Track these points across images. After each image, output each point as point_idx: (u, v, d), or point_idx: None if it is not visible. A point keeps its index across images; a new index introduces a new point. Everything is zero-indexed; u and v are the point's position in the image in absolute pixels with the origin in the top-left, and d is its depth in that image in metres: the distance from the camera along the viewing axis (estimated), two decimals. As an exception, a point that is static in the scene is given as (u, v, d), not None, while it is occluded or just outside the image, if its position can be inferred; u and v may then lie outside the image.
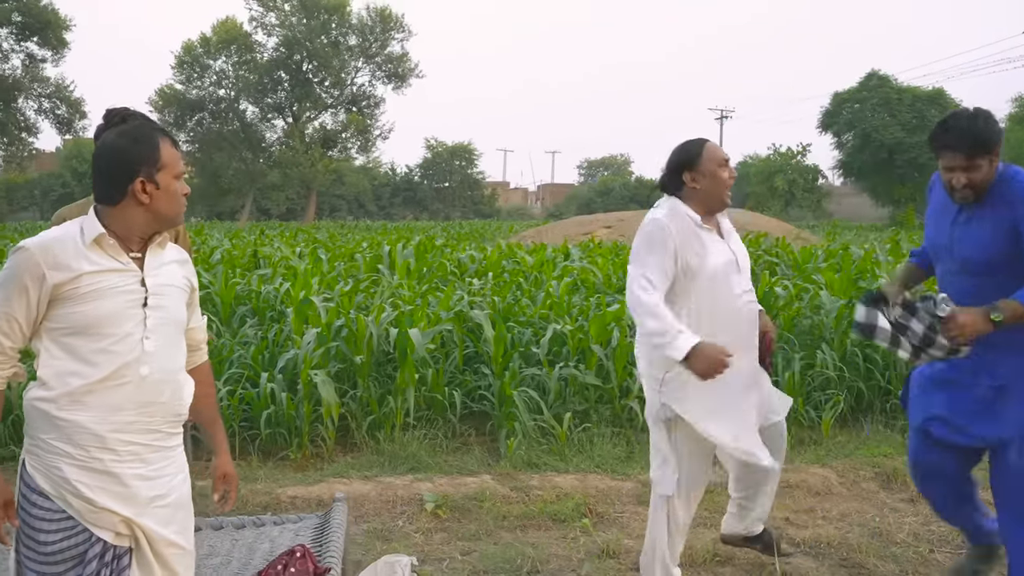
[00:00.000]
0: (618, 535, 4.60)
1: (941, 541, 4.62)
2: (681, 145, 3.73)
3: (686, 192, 3.66)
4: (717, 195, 3.66)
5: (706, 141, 3.72)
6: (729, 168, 3.70)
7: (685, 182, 3.65)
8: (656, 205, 3.73)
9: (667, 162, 3.73)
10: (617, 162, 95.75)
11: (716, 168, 3.63)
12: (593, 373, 6.35)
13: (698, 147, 3.67)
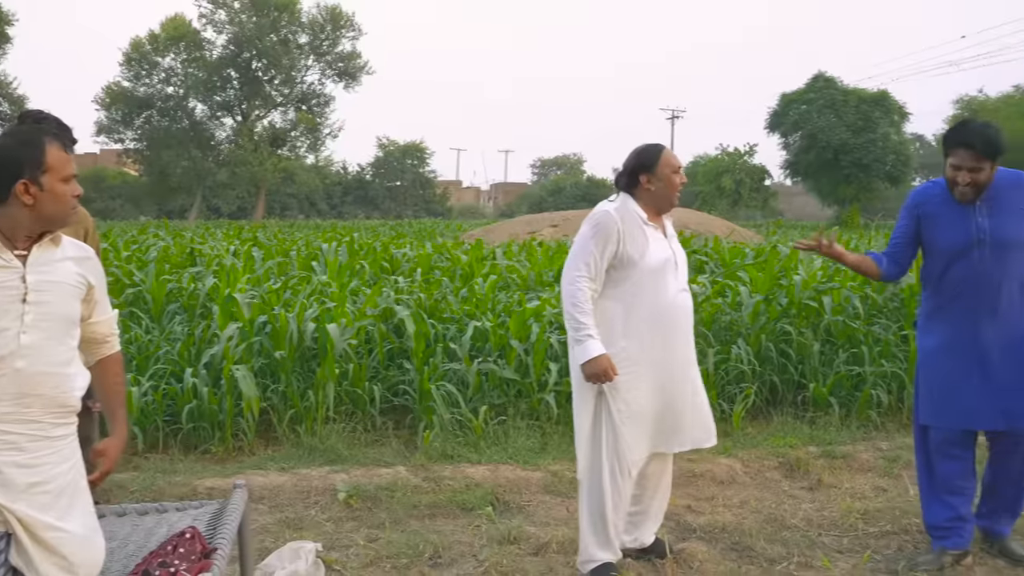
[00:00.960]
0: (522, 523, 4.75)
1: (831, 525, 4.82)
2: (641, 148, 4.06)
3: (639, 192, 3.99)
4: (667, 198, 4.01)
5: (664, 148, 4.05)
6: (680, 174, 4.04)
7: (640, 183, 3.98)
8: (610, 199, 4.05)
9: (626, 162, 4.06)
10: (570, 161, 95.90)
11: (670, 173, 3.98)
12: (512, 368, 6.50)
13: (657, 152, 4.01)
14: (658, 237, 3.98)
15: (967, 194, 4.00)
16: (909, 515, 4.92)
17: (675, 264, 3.99)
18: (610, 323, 3.88)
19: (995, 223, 4.02)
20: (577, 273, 3.84)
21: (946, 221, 4.10)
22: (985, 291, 4.05)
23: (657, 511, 4.29)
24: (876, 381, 6.90)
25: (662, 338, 3.90)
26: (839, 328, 7.47)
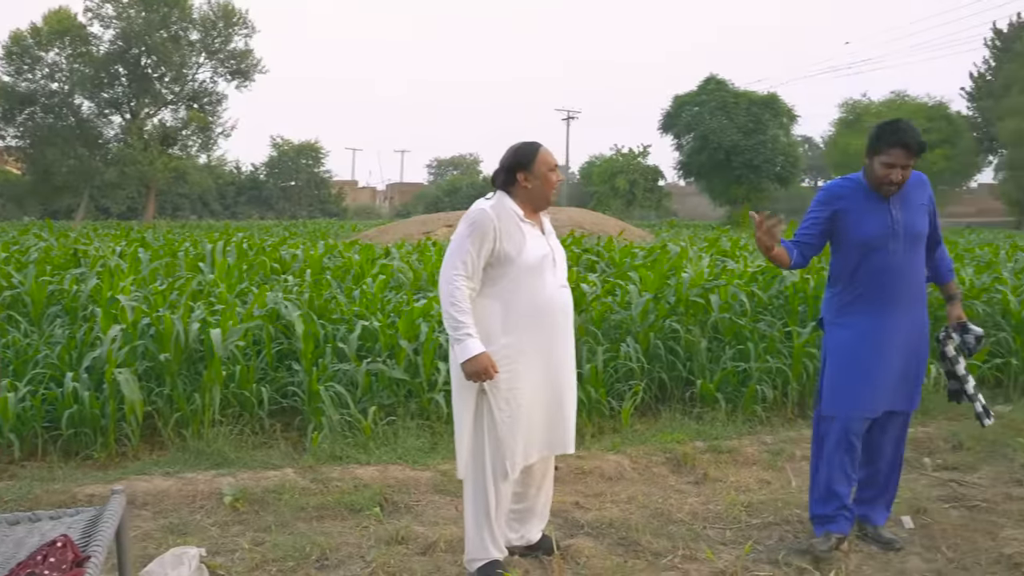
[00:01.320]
0: (410, 523, 4.74)
1: (716, 518, 4.92)
2: (517, 147, 4.06)
3: (516, 190, 4.02)
4: (544, 195, 4.04)
5: (540, 146, 4.05)
6: (557, 172, 4.08)
7: (518, 181, 4.00)
8: (487, 197, 4.04)
9: (502, 161, 4.07)
10: (466, 161, 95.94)
11: (547, 171, 4.01)
12: (402, 368, 6.47)
13: (534, 151, 4.01)
14: (536, 234, 4.00)
15: (893, 190, 4.24)
16: (791, 506, 5.05)
17: (553, 261, 4.02)
18: (489, 321, 3.88)
19: (906, 217, 4.29)
20: (454, 272, 3.84)
21: (864, 215, 4.29)
22: (898, 282, 4.29)
23: (542, 508, 4.32)
24: (761, 377, 7.05)
25: (542, 334, 3.93)
26: (726, 325, 7.61)
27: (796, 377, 7.14)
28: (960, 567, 4.29)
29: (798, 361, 7.11)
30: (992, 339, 8.06)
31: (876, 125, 4.33)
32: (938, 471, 5.86)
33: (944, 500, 5.27)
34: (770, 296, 8.35)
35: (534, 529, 4.32)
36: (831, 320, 4.47)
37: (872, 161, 4.25)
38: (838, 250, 4.43)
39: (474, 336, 3.79)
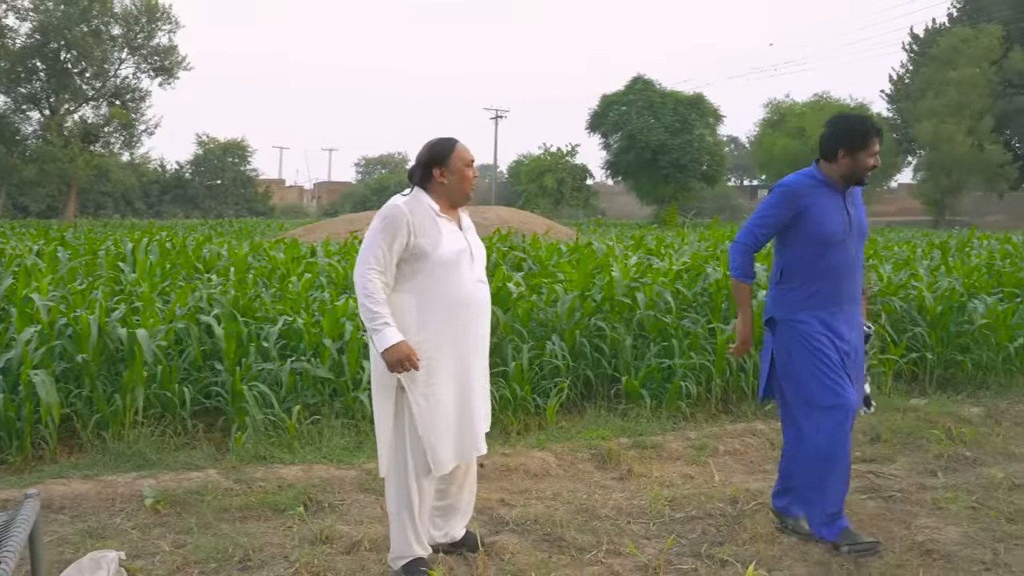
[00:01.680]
0: (334, 522, 4.71)
1: (640, 513, 4.96)
2: (434, 142, 4.06)
3: (433, 185, 4.01)
4: (461, 191, 4.05)
5: (457, 141, 4.06)
6: (473, 168, 4.08)
7: (434, 176, 4.00)
8: (403, 193, 4.03)
9: (419, 157, 4.07)
10: (395, 160, 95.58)
11: (463, 167, 4.02)
12: (326, 367, 6.43)
13: (450, 146, 4.02)
14: (452, 229, 4.01)
15: (867, 179, 4.42)
16: (714, 500, 5.12)
17: (471, 256, 4.03)
18: (405, 316, 3.88)
19: (857, 214, 4.45)
20: (367, 266, 3.83)
21: (825, 211, 4.34)
22: (850, 279, 4.41)
23: (466, 505, 4.33)
24: (686, 373, 7.13)
25: (459, 329, 3.94)
26: (651, 323, 7.68)
27: (720, 373, 7.23)
28: (877, 555, 4.38)
29: (721, 357, 7.20)
30: (908, 334, 8.25)
31: (841, 124, 4.39)
32: (856, 463, 5.96)
33: (862, 491, 5.39)
34: (694, 294, 8.44)
35: (458, 526, 4.33)
36: (786, 317, 4.45)
37: (855, 156, 4.31)
38: (791, 246, 4.43)
39: (391, 325, 3.78)
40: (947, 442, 6.36)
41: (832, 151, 4.36)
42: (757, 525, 4.67)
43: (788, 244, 4.44)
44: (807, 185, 4.40)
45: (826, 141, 4.40)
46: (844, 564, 4.26)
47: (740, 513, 4.93)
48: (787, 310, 4.45)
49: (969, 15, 56.61)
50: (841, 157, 4.33)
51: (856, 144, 4.30)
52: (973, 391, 7.92)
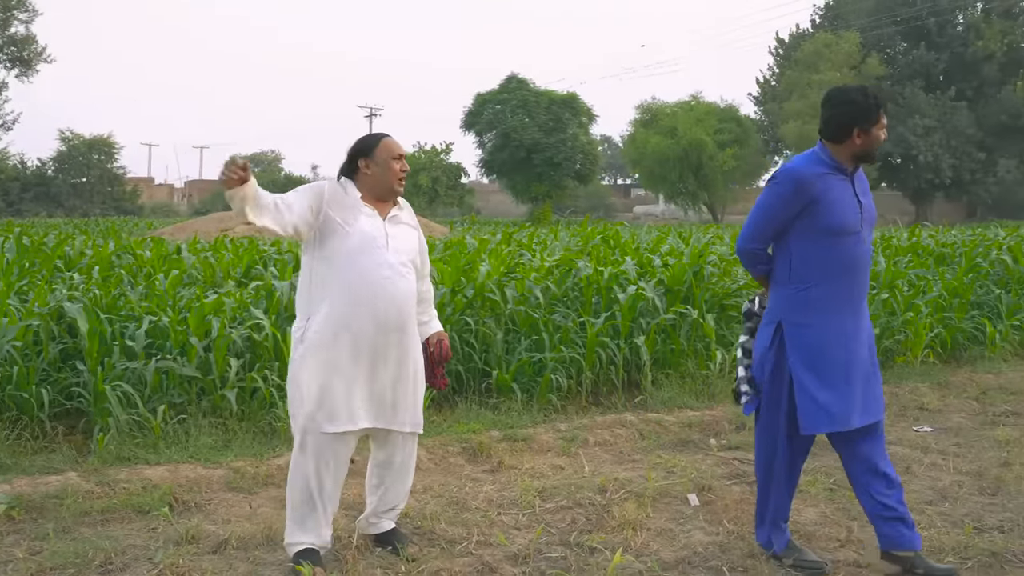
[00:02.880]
0: (201, 521, 4.61)
1: (511, 504, 5.00)
2: (363, 136, 4.19)
3: (359, 176, 4.10)
4: (386, 183, 4.11)
5: (386, 135, 4.15)
6: (402, 162, 4.13)
7: (359, 167, 4.08)
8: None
9: (348, 149, 4.15)
10: (267, 158, 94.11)
11: (389, 159, 4.09)
12: (193, 365, 6.29)
13: (377, 138, 4.16)
14: (372, 219, 4.04)
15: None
16: (584, 490, 5.19)
17: (385, 245, 4.02)
18: (317, 288, 4.01)
19: (867, 201, 4.00)
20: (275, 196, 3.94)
21: (837, 199, 3.90)
22: (861, 274, 3.99)
23: (395, 497, 4.31)
24: (556, 366, 7.20)
25: (365, 311, 3.94)
26: (522, 317, 7.73)
27: (590, 366, 7.32)
28: (739, 537, 4.51)
29: (591, 350, 7.29)
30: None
31: (849, 99, 3.92)
32: (723, 451, 6.13)
33: (727, 477, 5.54)
34: (565, 289, 8.53)
35: (386, 520, 4.33)
36: (794, 321, 3.95)
37: (869, 133, 3.89)
38: (800, 240, 3.94)
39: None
40: (808, 429, 6.55)
41: (844, 131, 3.90)
42: (626, 513, 4.73)
43: (796, 238, 3.95)
44: (815, 172, 3.90)
45: (835, 120, 3.92)
46: (708, 547, 4.37)
47: (609, 502, 5.00)
48: (794, 312, 3.96)
49: (830, 21, 58.63)
50: (855, 136, 3.89)
51: (872, 118, 3.87)
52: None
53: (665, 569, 4.13)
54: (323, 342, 3.93)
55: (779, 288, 4.03)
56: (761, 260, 4.11)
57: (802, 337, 3.92)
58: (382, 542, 4.31)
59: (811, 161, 3.97)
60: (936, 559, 4.21)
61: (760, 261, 4.11)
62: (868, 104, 3.88)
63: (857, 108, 3.87)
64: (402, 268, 4.09)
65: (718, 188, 53.49)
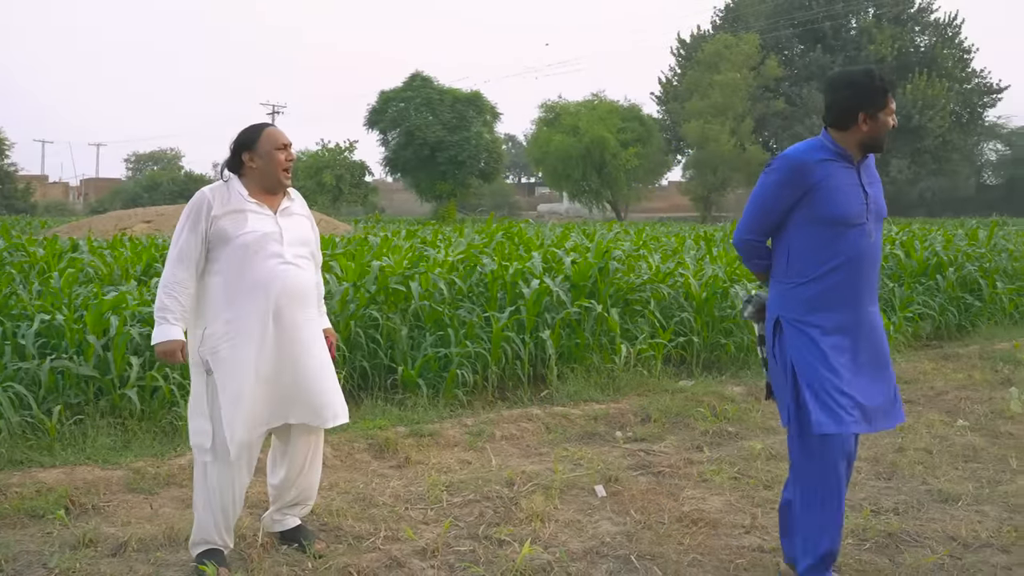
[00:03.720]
0: (99, 524, 4.48)
1: (418, 499, 4.97)
2: (244, 128, 4.03)
3: (244, 171, 3.99)
4: (272, 175, 3.99)
5: (268, 126, 4.04)
6: (288, 152, 4.02)
7: (244, 162, 3.97)
8: (222, 179, 4.04)
9: (230, 143, 4.03)
10: (167, 156, 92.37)
11: (272, 150, 3.97)
12: (90, 365, 6.12)
13: (259, 131, 4.01)
14: (263, 213, 3.95)
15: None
16: (491, 483, 5.19)
17: (280, 240, 3.95)
18: (213, 298, 3.90)
19: (874, 191, 3.72)
20: (170, 256, 3.89)
21: (839, 187, 3.65)
22: (866, 270, 3.70)
23: (302, 495, 4.24)
24: (462, 361, 7.18)
25: (264, 311, 3.86)
26: (427, 312, 7.70)
27: (496, 361, 7.32)
28: (646, 527, 4.56)
29: (497, 345, 7.29)
30: (676, 320, 8.59)
31: (854, 83, 3.68)
32: (628, 443, 6.19)
33: (633, 468, 5.59)
34: (470, 284, 8.52)
35: (292, 516, 4.27)
36: (796, 319, 3.69)
37: (876, 119, 3.63)
38: (799, 231, 3.71)
39: (171, 322, 3.83)
40: (712, 419, 6.67)
41: (849, 116, 3.64)
42: (533, 505, 4.75)
43: (794, 228, 3.72)
44: (815, 159, 3.66)
45: (839, 106, 3.67)
46: (616, 536, 4.41)
47: (517, 495, 5.01)
48: (795, 310, 3.71)
49: (730, 23, 59.74)
50: (861, 122, 3.63)
51: (878, 103, 3.62)
52: (736, 372, 8.33)
53: (574, 559, 4.14)
54: (223, 351, 3.85)
55: (777, 282, 3.81)
56: (759, 254, 3.88)
57: (800, 335, 3.67)
58: (288, 539, 4.25)
59: (812, 147, 3.71)
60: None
61: (758, 255, 3.88)
62: (874, 87, 3.64)
63: (862, 91, 3.63)
64: (300, 260, 4.03)
65: (621, 186, 54.06)
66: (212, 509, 3.91)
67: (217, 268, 3.90)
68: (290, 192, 4.13)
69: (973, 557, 4.25)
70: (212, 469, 3.89)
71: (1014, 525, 4.63)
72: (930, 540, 4.44)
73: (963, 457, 5.90)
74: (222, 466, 3.88)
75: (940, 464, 5.72)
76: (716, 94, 51.47)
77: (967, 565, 4.16)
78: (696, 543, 4.36)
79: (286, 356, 3.93)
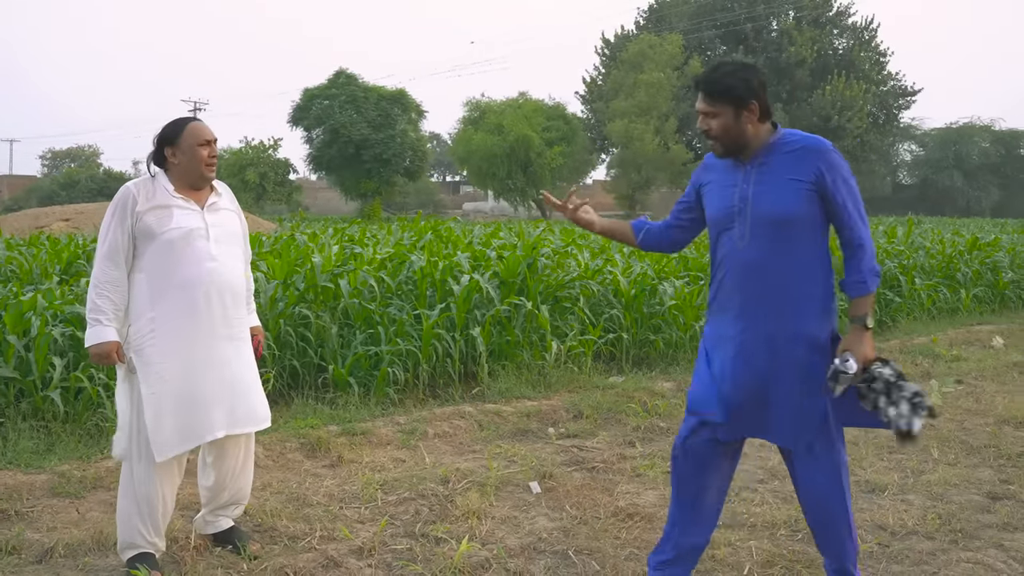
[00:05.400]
0: (23, 530, 4.35)
1: (352, 498, 4.93)
2: (169, 122, 3.96)
3: (168, 166, 3.92)
4: (194, 170, 3.92)
5: (191, 121, 3.96)
6: (211, 147, 3.95)
7: (167, 157, 3.90)
8: (151, 175, 3.94)
9: (154, 137, 3.96)
10: (85, 153, 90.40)
11: (195, 145, 3.90)
12: (11, 366, 5.95)
13: (181, 126, 3.93)
14: (189, 209, 3.88)
15: (715, 148, 3.45)
16: (426, 481, 5.17)
17: (206, 235, 3.88)
18: (139, 296, 3.84)
19: (759, 192, 3.36)
20: (98, 254, 3.83)
21: (718, 186, 3.51)
22: (748, 282, 3.39)
23: (234, 495, 4.17)
24: (393, 359, 7.13)
25: (190, 309, 3.80)
26: (356, 310, 7.63)
27: (427, 359, 7.29)
28: (582, 522, 4.58)
29: (427, 343, 7.26)
30: (606, 316, 8.64)
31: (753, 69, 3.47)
32: (561, 439, 6.20)
33: (567, 464, 5.60)
34: (399, 282, 8.46)
35: (225, 518, 4.20)
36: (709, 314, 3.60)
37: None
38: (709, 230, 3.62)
39: (104, 323, 3.76)
40: (643, 415, 6.72)
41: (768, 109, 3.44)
42: (469, 502, 4.73)
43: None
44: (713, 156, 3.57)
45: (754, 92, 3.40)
46: (553, 532, 4.41)
47: (452, 492, 5.00)
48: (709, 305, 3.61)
49: (654, 24, 60.24)
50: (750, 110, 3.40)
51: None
52: (665, 367, 8.40)
53: (512, 555, 4.14)
54: (147, 350, 3.78)
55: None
56: (635, 229, 3.86)
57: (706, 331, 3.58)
58: (221, 541, 4.18)
59: None
60: (769, 533, 4.43)
61: (637, 229, 3.85)
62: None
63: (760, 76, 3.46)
64: (228, 258, 3.97)
65: (546, 184, 54.08)
66: (140, 511, 3.83)
67: (142, 265, 3.83)
68: (217, 187, 4.07)
69: (900, 544, 4.35)
70: (138, 470, 3.82)
71: (937, 513, 4.75)
72: (860, 529, 4.51)
73: (887, 448, 6.01)
74: (148, 467, 3.81)
75: (866, 455, 5.83)
76: (641, 93, 51.81)
77: (895, 552, 4.26)
78: (632, 537, 4.39)
79: (214, 356, 3.87)
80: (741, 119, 3.36)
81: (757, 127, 3.40)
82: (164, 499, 3.88)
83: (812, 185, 3.28)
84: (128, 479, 3.85)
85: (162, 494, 3.86)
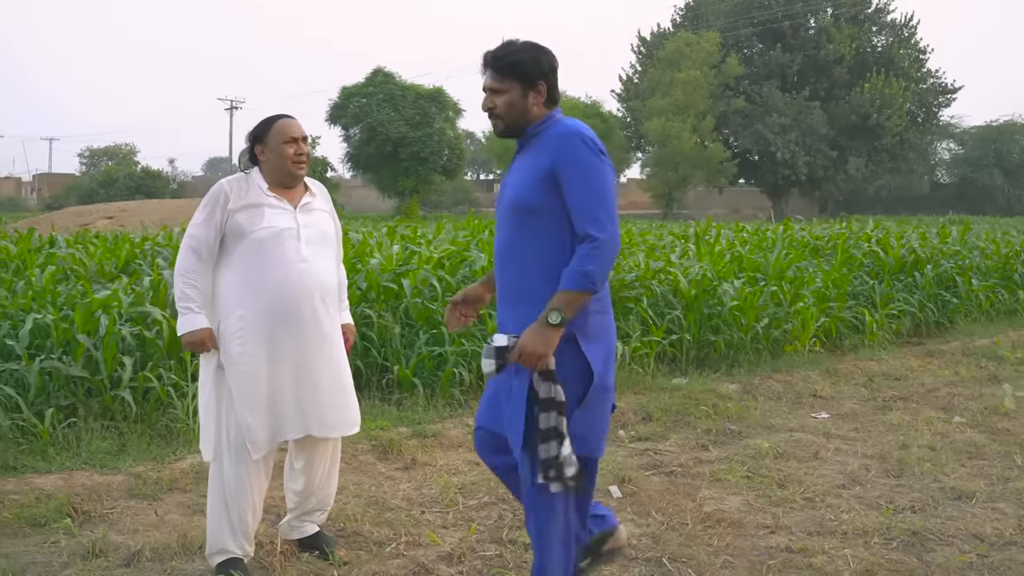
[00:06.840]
0: (106, 532, 4.30)
1: (432, 502, 4.87)
2: (260, 120, 3.95)
3: (261, 164, 3.89)
4: (282, 168, 3.88)
5: (280, 118, 3.92)
6: (298, 144, 3.88)
7: (257, 154, 3.88)
8: (245, 171, 3.97)
9: (246, 136, 3.96)
10: (122, 152, 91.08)
11: (281, 143, 3.86)
12: (80, 365, 5.91)
13: (269, 123, 3.91)
14: (281, 208, 3.83)
15: (496, 125, 3.36)
16: (503, 485, 5.04)
17: (297, 236, 3.81)
18: (226, 294, 3.79)
19: (510, 179, 3.34)
20: (185, 245, 3.79)
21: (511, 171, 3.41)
22: (498, 265, 3.37)
23: (320, 501, 4.12)
24: (458, 360, 7.05)
25: (278, 309, 3.74)
26: (417, 310, 7.55)
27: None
28: (670, 528, 4.49)
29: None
30: (669, 317, 8.51)
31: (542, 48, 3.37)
32: (634, 442, 6.10)
33: (644, 468, 5.50)
34: (458, 280, 8.37)
35: (310, 523, 4.14)
36: None
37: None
38: None
39: (195, 311, 3.74)
40: (714, 417, 6.62)
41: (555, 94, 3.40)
42: (551, 508, 4.64)
43: None
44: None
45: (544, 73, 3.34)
46: (642, 539, 4.31)
47: (532, 497, 4.90)
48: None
49: (691, 21, 59.89)
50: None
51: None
52: (727, 369, 8.28)
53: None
54: (235, 349, 3.73)
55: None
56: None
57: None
58: (307, 546, 4.12)
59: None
60: (863, 541, 4.34)
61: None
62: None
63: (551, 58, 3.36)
64: (319, 259, 3.89)
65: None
66: (229, 514, 3.78)
67: (231, 262, 3.80)
68: (312, 186, 4.01)
69: (1000, 555, 4.22)
70: (228, 471, 3.77)
71: (1034, 522, 4.61)
72: (955, 539, 4.40)
73: (967, 454, 5.89)
74: (238, 467, 3.76)
75: (947, 462, 5.70)
76: (677, 92, 51.55)
77: (995, 563, 4.13)
78: (724, 544, 4.28)
79: (302, 359, 3.80)
80: (527, 99, 3.28)
81: (543, 110, 3.32)
82: (254, 502, 3.82)
83: (547, 174, 3.14)
84: (218, 481, 3.80)
85: (252, 496, 3.81)
